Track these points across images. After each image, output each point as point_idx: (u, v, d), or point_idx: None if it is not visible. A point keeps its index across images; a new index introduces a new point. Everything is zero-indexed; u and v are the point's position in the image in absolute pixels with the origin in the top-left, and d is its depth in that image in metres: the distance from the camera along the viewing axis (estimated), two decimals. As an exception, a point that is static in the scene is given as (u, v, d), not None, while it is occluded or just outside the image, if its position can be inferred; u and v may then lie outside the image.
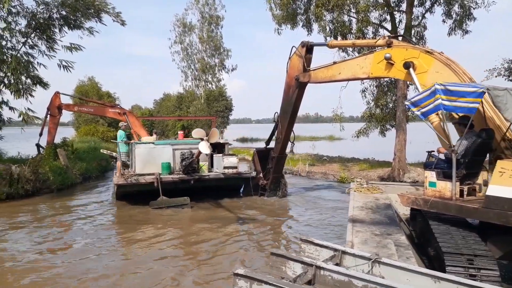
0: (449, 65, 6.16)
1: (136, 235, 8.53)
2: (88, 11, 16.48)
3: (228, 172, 11.87)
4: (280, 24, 17.90)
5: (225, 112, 36.05)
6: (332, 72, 8.57)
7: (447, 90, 5.07)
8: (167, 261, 6.96)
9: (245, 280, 3.44)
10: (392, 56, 6.77)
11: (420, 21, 16.22)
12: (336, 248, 4.32)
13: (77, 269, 6.48)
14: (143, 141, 12.61)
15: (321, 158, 23.67)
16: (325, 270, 3.69)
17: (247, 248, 7.67)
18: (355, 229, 6.21)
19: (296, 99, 10.43)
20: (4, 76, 14.56)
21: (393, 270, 3.84)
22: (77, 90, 42.10)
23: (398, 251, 5.07)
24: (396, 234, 5.91)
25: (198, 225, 9.37)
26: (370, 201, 8.41)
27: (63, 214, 10.67)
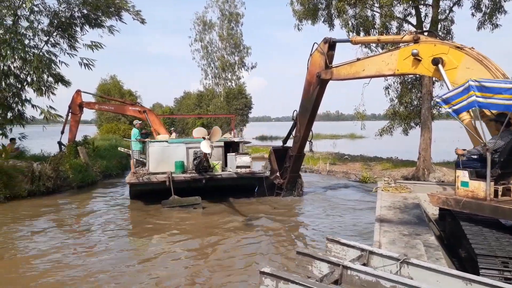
0: (481, 60, 5.89)
1: (149, 236, 8.42)
2: (109, 10, 16.58)
3: (241, 171, 11.61)
4: (301, 20, 17.55)
5: (244, 110, 35.88)
6: (355, 68, 8.35)
7: (482, 87, 4.86)
8: (181, 262, 6.84)
9: (272, 278, 3.41)
10: (420, 52, 6.56)
11: (447, 14, 15.56)
12: (363, 248, 4.23)
13: (90, 269, 6.43)
14: (157, 140, 12.56)
15: (342, 157, 23.16)
16: (352, 270, 3.62)
17: (264, 249, 7.48)
18: (383, 229, 6.07)
19: (316, 96, 10.21)
20: (27, 75, 14.80)
21: (422, 272, 3.70)
22: (100, 88, 42.88)
23: (428, 252, 4.93)
24: (425, 234, 5.73)
25: (211, 225, 9.19)
26: (398, 201, 8.22)
27: (80, 212, 10.71)
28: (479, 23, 15.10)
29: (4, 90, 14.25)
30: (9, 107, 14.64)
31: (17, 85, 14.72)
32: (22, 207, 11.12)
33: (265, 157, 25.61)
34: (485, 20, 14.88)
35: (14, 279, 6.12)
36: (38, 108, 14.57)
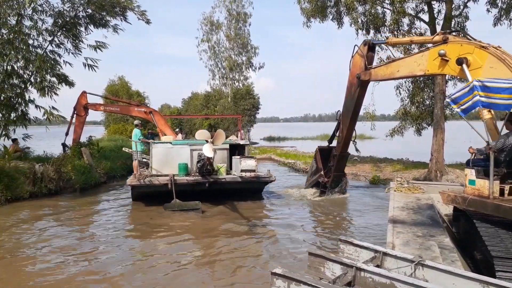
0: (504, 59, 5.79)
1: (150, 240, 8.19)
2: (114, 9, 16.36)
3: (245, 175, 11.26)
4: (309, 18, 17.11)
5: (252, 111, 35.46)
6: (391, 69, 8.49)
7: (484, 86, 4.91)
8: (184, 263, 6.67)
9: (283, 279, 3.35)
10: (447, 53, 6.65)
11: (461, 10, 14.98)
12: (377, 250, 4.13)
13: (89, 270, 6.33)
14: (160, 141, 12.29)
15: (352, 158, 22.62)
16: (365, 272, 3.53)
17: (271, 250, 7.30)
18: (396, 230, 5.95)
19: (357, 97, 10.41)
20: (30, 75, 14.61)
21: (438, 274, 3.61)
22: (108, 89, 42.86)
23: (442, 254, 4.84)
24: (440, 236, 5.62)
25: (214, 228, 8.94)
26: (411, 201, 8.10)
27: (81, 214, 10.45)
28: (495, 19, 14.51)
29: (8, 90, 14.07)
30: (12, 108, 14.46)
31: (21, 85, 14.53)
32: (23, 209, 10.90)
33: (273, 158, 25.32)
34: (502, 16, 14.28)
35: (13, 279, 6.02)
36: (41, 109, 14.35)
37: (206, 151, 9.65)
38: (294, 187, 14.02)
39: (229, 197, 11.48)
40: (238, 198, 11.58)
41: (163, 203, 10.46)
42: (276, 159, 23.95)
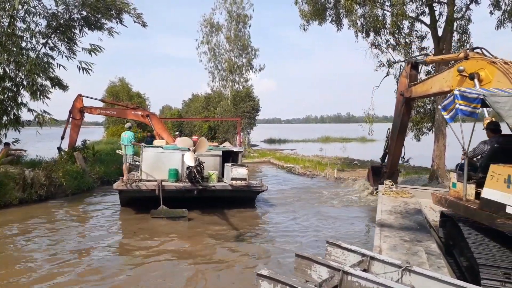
0: (507, 74, 6.10)
1: (135, 247, 7.97)
2: (109, 12, 16.09)
3: (236, 183, 10.88)
4: (308, 20, 16.80)
5: (251, 113, 35.13)
6: (426, 87, 8.91)
7: (463, 96, 5.15)
8: (171, 269, 6.68)
9: (269, 281, 3.33)
10: (466, 69, 6.93)
11: (463, 13, 14.62)
12: (365, 253, 4.11)
13: (76, 277, 6.29)
14: (151, 145, 11.98)
15: (352, 162, 22.28)
16: (352, 276, 3.50)
17: (260, 254, 7.34)
18: (383, 234, 5.99)
19: (403, 114, 10.72)
20: (22, 78, 14.35)
21: (424, 280, 3.59)
22: (108, 91, 42.72)
23: (429, 260, 4.86)
24: (427, 241, 5.67)
25: (197, 238, 8.71)
26: (399, 205, 8.10)
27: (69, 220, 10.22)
28: (498, 22, 14.13)
29: (-1, 93, 13.82)
30: (4, 111, 14.20)
31: (13, 88, 14.27)
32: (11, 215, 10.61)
33: (271, 162, 25.01)
34: (505, 18, 13.90)
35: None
36: (33, 112, 14.09)
37: (187, 160, 9.47)
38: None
39: (219, 205, 11.17)
40: (229, 206, 11.25)
41: (151, 208, 10.23)
42: (275, 163, 23.63)
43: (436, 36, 14.37)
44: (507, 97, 4.84)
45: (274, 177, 18.76)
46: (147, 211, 10.33)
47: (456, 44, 14.81)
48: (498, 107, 4.84)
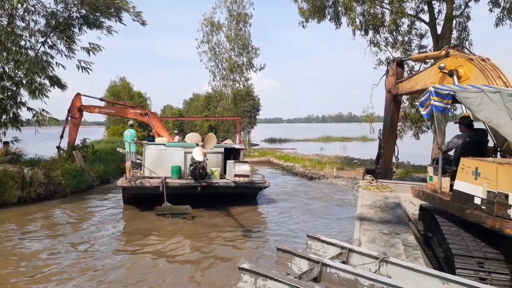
0: (483, 71, 6.25)
1: (136, 246, 7.95)
2: (108, 10, 16.10)
3: (239, 180, 10.95)
4: (307, 19, 16.75)
5: (252, 112, 35.09)
6: (411, 83, 9.04)
7: (437, 92, 5.26)
8: (169, 271, 6.54)
9: (250, 274, 3.38)
10: (447, 66, 7.05)
11: (462, 10, 14.55)
12: (343, 246, 4.23)
13: (74, 276, 6.24)
14: (154, 142, 12.02)
15: (352, 161, 22.23)
16: (331, 268, 3.61)
17: (251, 252, 7.23)
18: (363, 227, 6.16)
19: (392, 112, 10.77)
20: (22, 77, 14.37)
21: (401, 270, 3.74)
22: (109, 90, 42.71)
23: (406, 251, 5.04)
24: (405, 233, 5.86)
25: (201, 235, 8.77)
26: (379, 200, 8.30)
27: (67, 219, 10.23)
28: (497, 19, 14.06)
29: (-1, 92, 13.85)
30: (3, 110, 14.22)
31: (12, 87, 14.30)
32: (9, 214, 10.63)
33: (271, 161, 24.98)
34: (504, 16, 13.84)
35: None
36: (32, 111, 14.11)
37: (196, 155, 9.50)
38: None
39: (222, 202, 11.23)
40: (231, 203, 11.32)
41: (154, 206, 10.27)
42: (275, 162, 23.60)
43: (435, 33, 14.33)
44: (476, 93, 4.99)
45: (273, 176, 18.75)
46: (150, 208, 10.36)
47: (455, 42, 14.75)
48: (467, 102, 4.99)
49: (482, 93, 4.94)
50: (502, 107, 4.83)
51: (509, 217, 4.01)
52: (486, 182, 4.39)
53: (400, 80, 9.94)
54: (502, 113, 4.81)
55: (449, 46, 8.10)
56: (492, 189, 4.28)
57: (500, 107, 4.84)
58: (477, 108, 4.90)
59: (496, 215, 4.19)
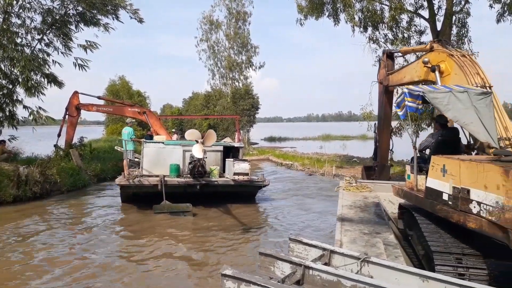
0: (462, 67, 6.33)
1: (134, 245, 7.84)
2: (105, 7, 15.99)
3: (238, 178, 10.80)
4: (306, 16, 16.60)
5: (251, 111, 34.96)
6: (400, 76, 9.11)
7: (410, 93, 5.39)
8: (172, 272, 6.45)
9: (233, 280, 3.39)
10: (431, 60, 7.14)
11: (462, 6, 14.40)
12: (325, 248, 4.27)
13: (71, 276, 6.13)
14: (152, 140, 11.89)
15: (351, 159, 22.11)
16: (313, 270, 3.63)
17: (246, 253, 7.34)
18: (344, 228, 6.23)
19: (384, 103, 10.79)
20: (18, 75, 14.26)
21: (382, 270, 3.80)
22: (108, 89, 42.63)
23: (387, 250, 5.10)
24: (385, 233, 5.97)
25: (200, 233, 8.65)
26: (359, 200, 8.43)
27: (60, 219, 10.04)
28: (498, 15, 13.91)
29: (-6, 90, 13.74)
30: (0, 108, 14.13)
31: (8, 85, 14.18)
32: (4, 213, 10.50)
33: (270, 159, 24.88)
34: (505, 11, 13.69)
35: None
36: (29, 109, 14.00)
37: (196, 152, 9.38)
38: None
39: (221, 200, 11.10)
40: (231, 201, 11.19)
41: (152, 204, 10.13)
42: (274, 160, 23.50)
43: (435, 30, 14.19)
44: (444, 93, 5.15)
45: (273, 174, 18.65)
46: (148, 207, 10.24)
47: (455, 38, 14.62)
48: (436, 102, 5.13)
49: (450, 93, 5.12)
50: (469, 106, 5.01)
51: (471, 211, 4.14)
52: (451, 178, 4.55)
53: (391, 72, 10.06)
54: (470, 112, 5.00)
55: (434, 40, 8.20)
56: (456, 185, 4.44)
57: (467, 106, 5.01)
58: (445, 108, 5.08)
59: (460, 209, 4.34)
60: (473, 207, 4.13)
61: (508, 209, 3.57)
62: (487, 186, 3.90)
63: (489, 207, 3.86)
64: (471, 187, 4.16)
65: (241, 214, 10.36)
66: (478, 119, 4.99)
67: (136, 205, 10.93)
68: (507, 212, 3.59)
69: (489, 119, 5.07)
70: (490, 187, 3.84)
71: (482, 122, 4.99)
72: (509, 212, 3.57)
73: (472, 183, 4.15)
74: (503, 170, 3.67)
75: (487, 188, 3.90)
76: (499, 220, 3.71)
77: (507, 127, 5.67)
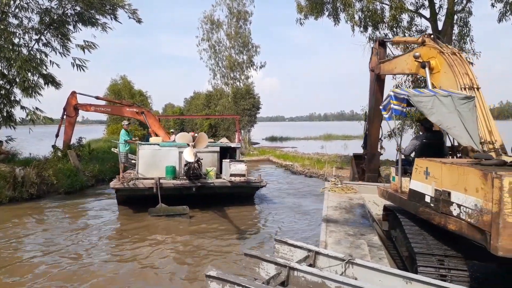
0: (452, 66, 6.32)
1: (129, 248, 7.73)
2: (103, 7, 15.89)
3: (235, 179, 10.67)
4: (306, 16, 16.43)
5: (252, 111, 34.79)
6: (392, 66, 9.17)
7: (396, 96, 5.44)
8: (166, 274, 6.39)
9: (218, 282, 3.39)
10: (422, 55, 7.14)
11: (464, 5, 14.20)
12: (310, 249, 4.29)
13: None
14: (148, 142, 11.76)
15: (352, 160, 21.89)
16: (298, 271, 3.64)
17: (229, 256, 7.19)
18: (329, 229, 6.25)
19: (375, 91, 10.81)
20: (16, 75, 14.17)
21: (366, 271, 3.84)
22: (110, 89, 42.63)
23: (371, 252, 5.11)
24: (369, 234, 6.00)
25: (194, 236, 8.55)
26: (344, 201, 8.45)
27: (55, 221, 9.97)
28: (500, 14, 13.70)
29: (-9, 91, 13.66)
30: (-3, 109, 14.06)
31: (6, 85, 14.10)
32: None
33: (270, 160, 24.72)
34: (507, 11, 13.47)
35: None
36: (26, 110, 13.92)
37: (187, 156, 9.23)
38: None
39: (218, 202, 10.96)
40: (228, 203, 11.06)
41: (149, 207, 10.00)
42: (275, 161, 23.34)
43: (436, 29, 13.99)
44: (429, 97, 5.20)
45: (272, 175, 18.52)
46: (144, 209, 10.12)
47: (456, 38, 14.42)
48: (421, 106, 5.17)
49: (434, 97, 5.19)
50: (453, 111, 5.09)
51: (451, 213, 4.19)
52: (434, 181, 4.60)
53: (382, 60, 10.05)
54: (453, 116, 5.08)
55: (425, 34, 8.21)
56: (438, 188, 4.48)
57: (451, 111, 5.09)
58: (429, 112, 5.12)
59: (441, 212, 4.39)
60: (453, 210, 4.19)
61: (486, 211, 3.62)
62: (467, 189, 3.94)
63: (469, 209, 3.91)
64: (452, 190, 4.22)
65: (237, 216, 10.24)
66: (461, 123, 5.08)
67: (132, 208, 10.81)
68: (485, 214, 3.63)
69: (472, 123, 5.16)
70: (470, 190, 3.89)
71: (465, 126, 5.08)
72: (487, 214, 3.61)
73: (453, 186, 4.20)
74: (481, 174, 3.71)
75: (467, 191, 3.95)
76: (477, 222, 3.75)
77: (491, 131, 5.72)
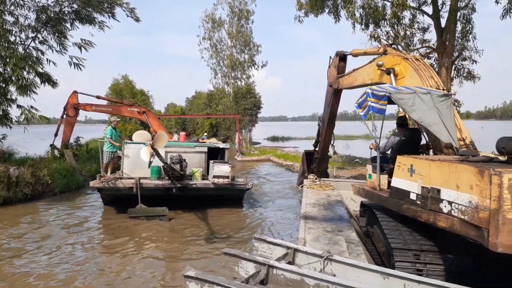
0: (417, 70, 6.50)
1: (113, 249, 7.57)
2: (101, 5, 15.71)
3: (218, 181, 10.17)
4: (307, 13, 16.17)
5: (253, 110, 34.57)
6: (351, 79, 9.11)
7: (373, 94, 5.43)
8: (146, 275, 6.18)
9: (196, 282, 3.36)
10: (385, 63, 7.23)
11: (467, 2, 13.89)
12: (289, 246, 4.31)
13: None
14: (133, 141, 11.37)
15: (353, 160, 21.63)
16: (277, 269, 3.64)
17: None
18: (308, 226, 6.19)
19: (332, 103, 10.96)
20: (12, 73, 14.01)
21: (344, 268, 3.88)
22: (112, 88, 42.49)
23: (349, 248, 5.15)
24: (347, 230, 6.05)
25: (176, 237, 8.37)
26: (322, 198, 8.43)
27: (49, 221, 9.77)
28: (503, 11, 13.38)
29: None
30: (-8, 107, 13.90)
31: (1, 84, 13.94)
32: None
33: (270, 160, 24.47)
34: (511, 7, 13.16)
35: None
36: (21, 108, 13.75)
37: (144, 155, 8.73)
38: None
39: (203, 204, 10.59)
40: (213, 205, 10.66)
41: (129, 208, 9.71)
42: (275, 161, 23.11)
43: (439, 27, 13.70)
44: (410, 94, 5.24)
45: (271, 175, 18.29)
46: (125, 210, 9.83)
47: (459, 35, 14.12)
48: (402, 103, 5.22)
49: (414, 94, 5.23)
50: (432, 108, 5.17)
51: (441, 210, 4.16)
52: (420, 178, 4.58)
53: (341, 74, 10.01)
54: (433, 113, 5.16)
55: (386, 44, 8.38)
56: (425, 185, 4.45)
57: (430, 108, 5.17)
58: (410, 109, 5.18)
59: (429, 209, 4.37)
60: (443, 207, 4.14)
61: (483, 208, 3.56)
62: (459, 185, 3.88)
63: (462, 206, 3.85)
64: (441, 187, 4.17)
65: (221, 217, 9.92)
66: (440, 120, 5.13)
67: (117, 208, 10.50)
68: (482, 211, 3.58)
69: (450, 120, 5.24)
70: (463, 187, 3.82)
71: (444, 123, 5.13)
72: (483, 211, 3.56)
73: (443, 183, 4.15)
74: (477, 171, 3.64)
75: (459, 188, 3.89)
76: (472, 219, 3.70)
77: (461, 128, 5.92)
